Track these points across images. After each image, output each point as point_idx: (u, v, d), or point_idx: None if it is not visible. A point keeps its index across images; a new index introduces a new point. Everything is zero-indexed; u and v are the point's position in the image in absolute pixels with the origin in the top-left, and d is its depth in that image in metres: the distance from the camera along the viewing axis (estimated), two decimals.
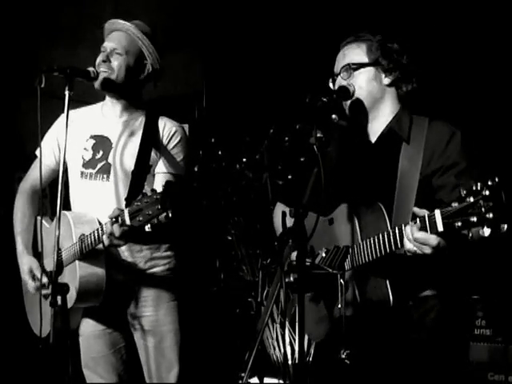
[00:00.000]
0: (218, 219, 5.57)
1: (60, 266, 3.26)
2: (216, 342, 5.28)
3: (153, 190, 2.82)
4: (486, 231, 2.21)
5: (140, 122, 3.37)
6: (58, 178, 3.03)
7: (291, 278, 2.46)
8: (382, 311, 2.71)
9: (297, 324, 2.41)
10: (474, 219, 2.22)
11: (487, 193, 2.19)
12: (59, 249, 3.23)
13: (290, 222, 2.47)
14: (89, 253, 3.16)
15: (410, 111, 2.89)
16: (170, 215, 2.79)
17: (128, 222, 2.87)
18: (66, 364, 2.92)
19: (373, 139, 2.93)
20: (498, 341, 4.45)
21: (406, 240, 2.50)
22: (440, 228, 2.34)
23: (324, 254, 2.85)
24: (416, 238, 2.45)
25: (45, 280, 3.26)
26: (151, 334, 3.38)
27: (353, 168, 2.95)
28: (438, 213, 2.35)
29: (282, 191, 3.38)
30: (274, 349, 5.27)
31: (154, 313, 3.37)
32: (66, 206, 3.34)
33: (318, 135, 2.53)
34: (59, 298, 2.92)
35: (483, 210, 2.20)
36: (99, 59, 3.29)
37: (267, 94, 5.46)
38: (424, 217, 2.42)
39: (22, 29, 5.22)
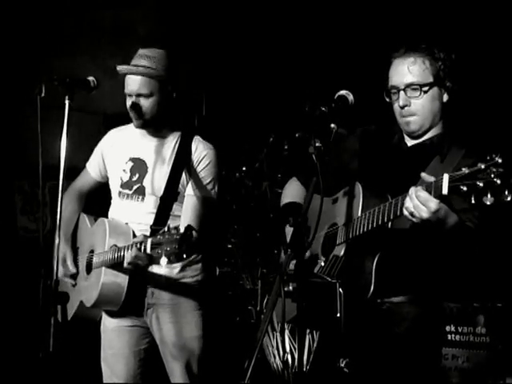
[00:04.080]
0: (217, 227, 5.57)
1: (89, 266, 3.48)
2: (216, 349, 5.27)
3: (176, 228, 2.96)
4: (490, 199, 2.20)
5: (175, 143, 3.48)
6: (59, 183, 3.04)
7: (290, 287, 2.47)
8: (359, 303, 2.73)
9: (296, 333, 2.42)
10: (481, 184, 2.21)
11: (500, 160, 2.19)
12: (92, 251, 3.49)
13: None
14: (117, 263, 3.30)
15: (452, 135, 2.89)
16: (185, 257, 2.96)
17: (148, 251, 3.02)
18: (65, 372, 2.94)
19: (408, 143, 2.94)
20: (497, 348, 4.45)
21: (407, 198, 2.49)
22: (445, 190, 2.32)
23: (323, 264, 2.86)
24: (418, 196, 2.43)
25: (74, 270, 3.52)
26: (175, 341, 3.45)
27: (377, 162, 2.97)
28: (446, 176, 2.33)
29: (301, 169, 3.36)
30: (274, 357, 5.27)
31: (179, 319, 3.46)
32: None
33: (317, 144, 2.54)
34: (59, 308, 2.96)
35: (492, 175, 2.19)
36: (128, 104, 3.38)
37: (266, 103, 5.47)
38: (431, 181, 2.42)
39: (23, 37, 5.24)
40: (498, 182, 2.18)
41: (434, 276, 2.81)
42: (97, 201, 3.73)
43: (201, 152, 3.45)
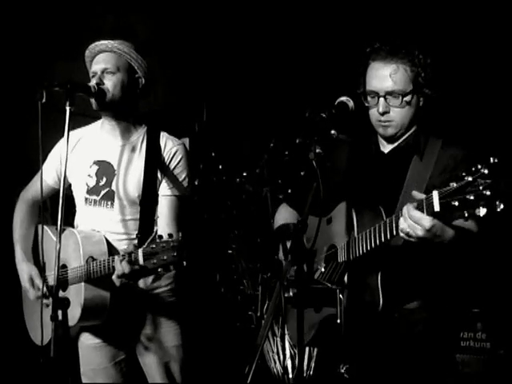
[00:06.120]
0: (218, 233, 5.57)
1: (65, 283, 3.29)
2: (216, 355, 5.27)
3: (170, 235, 2.86)
4: (482, 211, 2.19)
5: (141, 142, 3.36)
6: (60, 193, 3.02)
7: (290, 293, 2.47)
8: (370, 316, 2.73)
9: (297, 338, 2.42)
10: (471, 197, 2.20)
11: (486, 171, 2.18)
12: (65, 265, 3.29)
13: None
14: (98, 277, 3.16)
15: (426, 130, 2.92)
16: (185, 264, 2.85)
17: (141, 262, 2.90)
18: (66, 377, 2.93)
19: (386, 150, 2.96)
20: (498, 354, 4.45)
21: (401, 219, 2.49)
22: (436, 208, 2.32)
23: (323, 269, 2.86)
24: (410, 216, 2.44)
25: (45, 289, 3.27)
26: (154, 351, 3.39)
27: (360, 175, 2.98)
28: (435, 193, 2.33)
29: (289, 193, 3.38)
30: (275, 362, 5.26)
31: (157, 330, 3.38)
32: (68, 219, 3.34)
33: (317, 151, 2.54)
34: (60, 313, 2.92)
35: (481, 187, 2.18)
36: (92, 84, 3.23)
37: (267, 109, 5.47)
38: (422, 198, 2.42)
39: (24, 42, 5.24)
40: (488, 193, 2.17)
41: (441, 282, 2.81)
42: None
43: (171, 149, 3.32)
